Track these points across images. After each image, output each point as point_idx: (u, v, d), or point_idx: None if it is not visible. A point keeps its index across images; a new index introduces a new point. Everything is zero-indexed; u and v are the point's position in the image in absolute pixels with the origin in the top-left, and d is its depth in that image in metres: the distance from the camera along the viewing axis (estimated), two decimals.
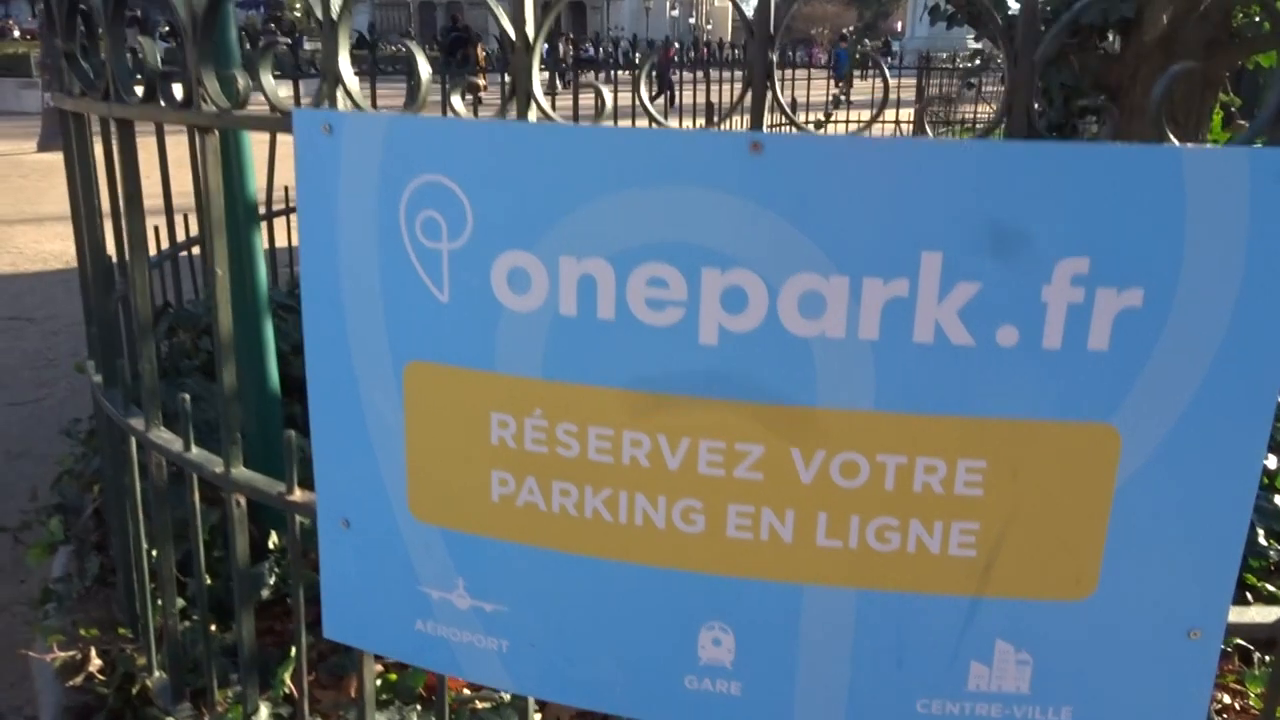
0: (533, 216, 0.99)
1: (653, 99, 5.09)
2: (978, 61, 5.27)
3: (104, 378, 1.62)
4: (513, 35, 0.95)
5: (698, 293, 0.95)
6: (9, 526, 2.13)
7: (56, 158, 11.30)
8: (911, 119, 11.25)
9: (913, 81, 11.74)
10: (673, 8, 63.96)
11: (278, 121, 1.10)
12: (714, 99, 7.06)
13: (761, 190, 0.92)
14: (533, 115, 0.98)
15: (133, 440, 1.50)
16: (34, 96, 17.04)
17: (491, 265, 1.01)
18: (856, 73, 27.22)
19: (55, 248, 6.25)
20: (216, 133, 1.19)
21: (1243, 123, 4.57)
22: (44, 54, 12.03)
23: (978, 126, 11.71)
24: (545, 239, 0.99)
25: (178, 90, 1.23)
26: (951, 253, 0.90)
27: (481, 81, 21.95)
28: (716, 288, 0.95)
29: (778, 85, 0.96)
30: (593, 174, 0.96)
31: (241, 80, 1.14)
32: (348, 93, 1.03)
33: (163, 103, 1.23)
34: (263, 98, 1.16)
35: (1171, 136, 0.96)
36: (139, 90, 1.27)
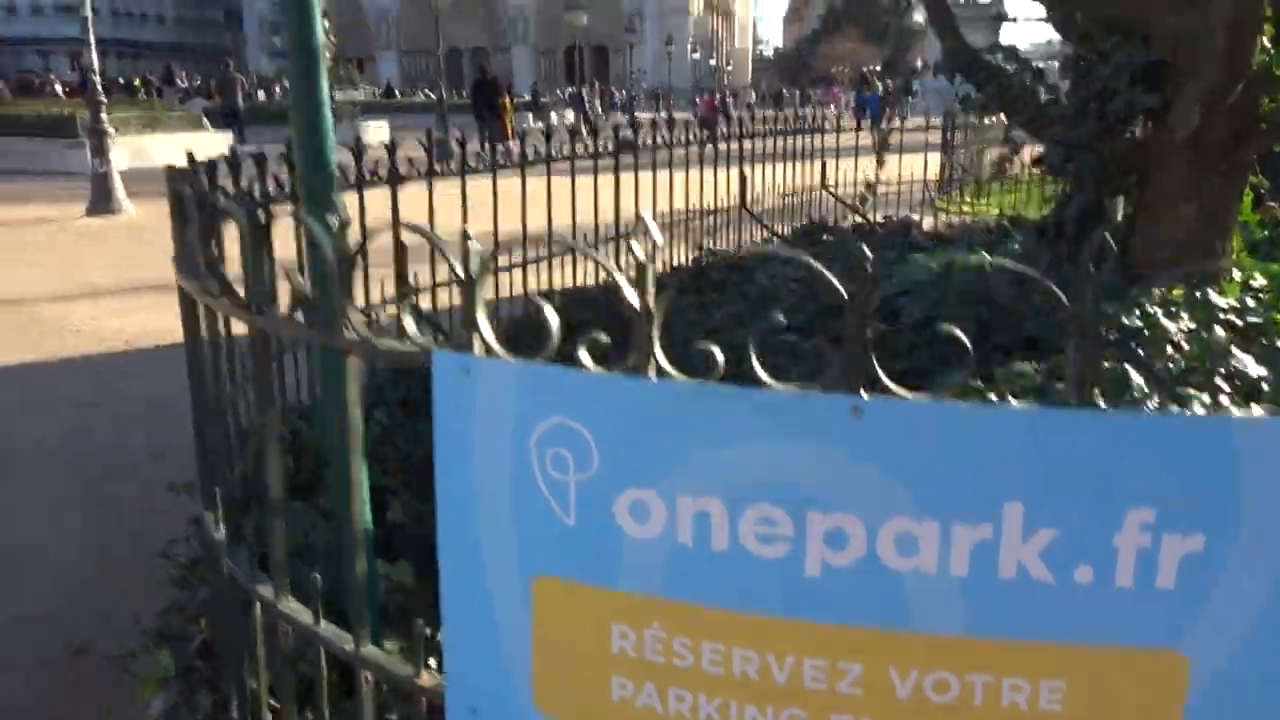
0: (653, 459, 1.12)
1: (700, 144, 5.18)
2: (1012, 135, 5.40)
3: (228, 536, 1.77)
4: (636, 305, 1.09)
5: (803, 532, 1.08)
6: (114, 653, 2.27)
7: (104, 222, 11.66)
8: (937, 176, 11.35)
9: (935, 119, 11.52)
10: (694, 51, 64.96)
11: (415, 356, 1.24)
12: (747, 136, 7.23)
13: (861, 447, 1.05)
14: (651, 371, 1.11)
15: (258, 603, 1.63)
16: (79, 157, 17.51)
17: (615, 499, 1.14)
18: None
19: (114, 325, 6.46)
20: (357, 356, 1.33)
21: (1272, 205, 4.67)
22: (93, 119, 12.43)
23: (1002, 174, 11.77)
24: (664, 479, 1.11)
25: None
26: (1032, 504, 1.02)
27: (508, 125, 22.02)
28: (820, 528, 1.07)
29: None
30: (707, 427, 1.09)
31: (381, 316, 1.28)
32: (484, 341, 1.17)
33: (304, 321, 1.38)
34: None
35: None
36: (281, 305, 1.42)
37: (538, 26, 71.36)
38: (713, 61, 70.97)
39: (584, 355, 1.14)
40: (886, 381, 1.06)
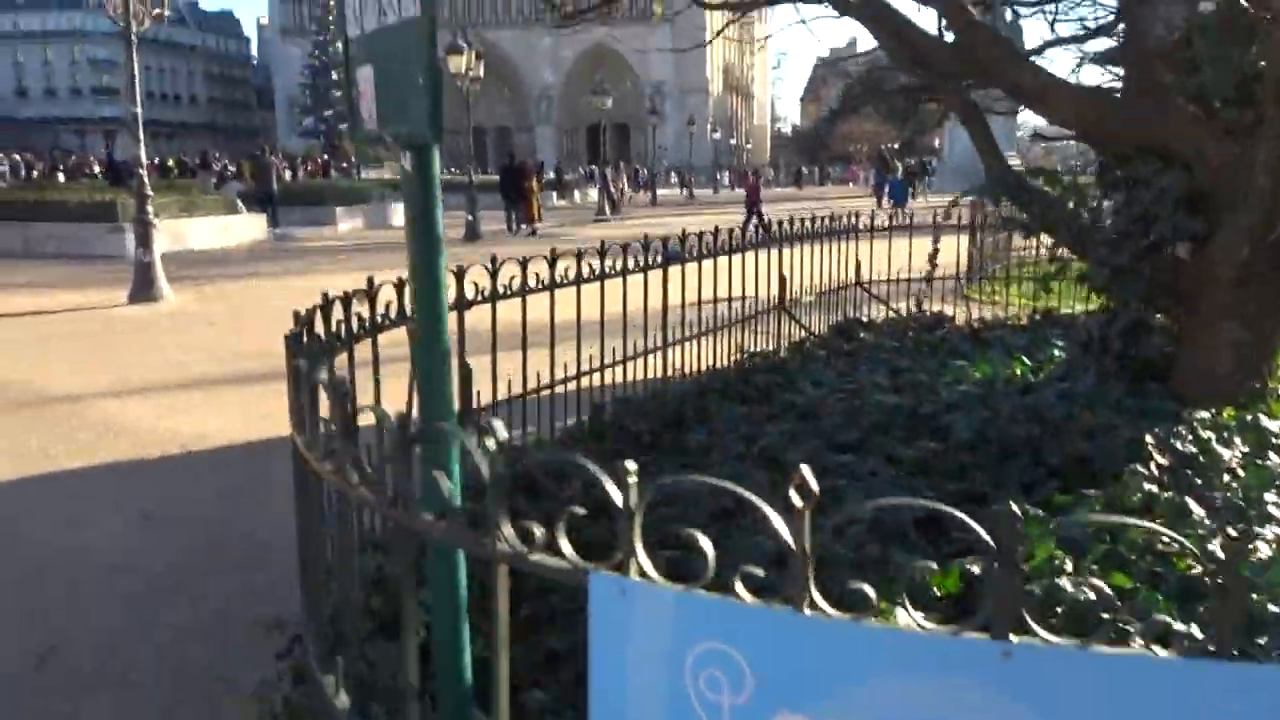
0: (807, 687, 1.20)
1: (743, 229, 5.41)
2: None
3: (353, 708, 1.85)
4: (793, 546, 1.18)
5: None
6: None
7: (147, 311, 11.92)
8: (965, 262, 11.47)
9: (949, 198, 11.58)
10: (714, 131, 66.31)
11: (572, 575, 1.33)
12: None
13: (1010, 685, 1.12)
14: (806, 606, 1.20)
15: None
16: (118, 241, 17.98)
17: None
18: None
19: (166, 425, 6.57)
20: (507, 566, 1.43)
21: None
22: (139, 209, 12.79)
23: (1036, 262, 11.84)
24: (818, 706, 1.19)
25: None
26: None
27: (535, 207, 22.54)
28: None
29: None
30: (860, 660, 1.17)
31: (539, 531, 1.38)
32: (640, 567, 1.26)
33: (455, 526, 1.48)
34: None
35: None
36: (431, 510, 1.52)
37: (561, 107, 73.14)
38: (733, 140, 72.30)
39: (740, 589, 1.22)
40: (1035, 628, 1.14)
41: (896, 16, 4.63)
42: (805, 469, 1.17)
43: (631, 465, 1.29)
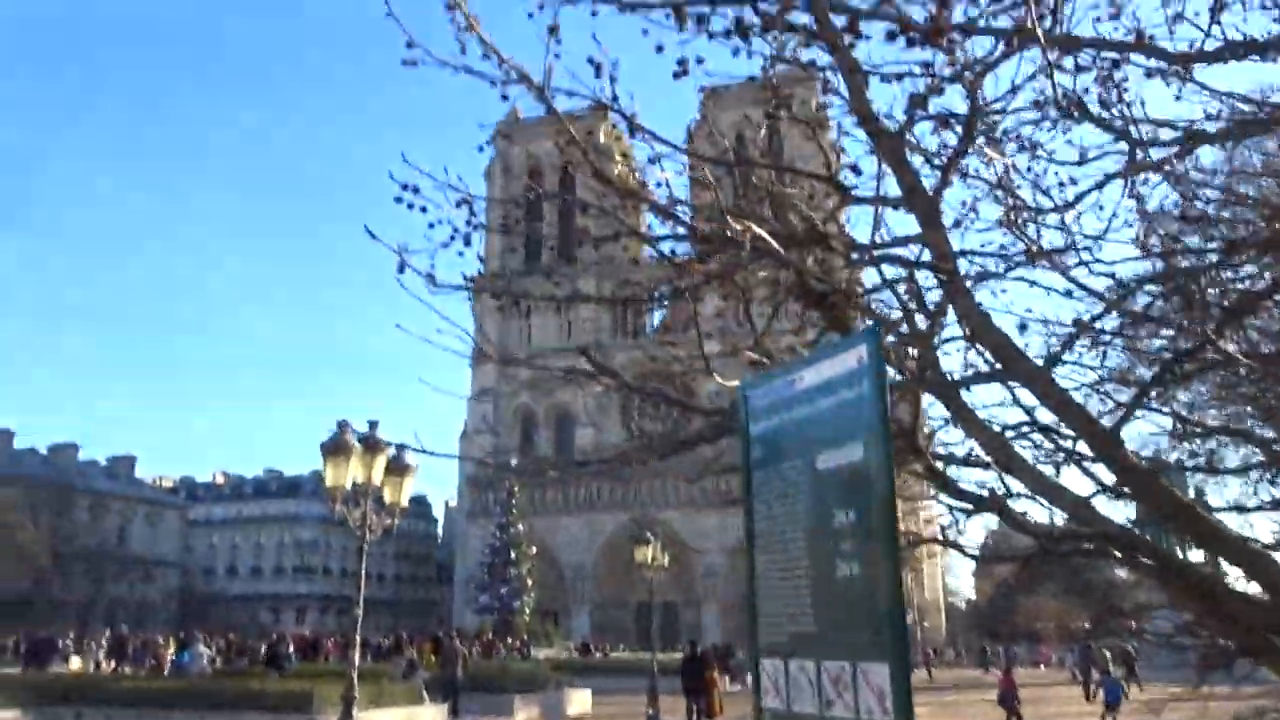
0: None
1: None
2: None
3: None
4: None
5: None
6: None
7: None
8: None
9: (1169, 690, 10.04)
10: None
11: None
12: None
13: None
14: None
15: None
16: None
17: None
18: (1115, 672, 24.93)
19: None
20: None
21: None
22: (345, 715, 12.87)
23: None
24: None
25: None
26: None
27: (717, 701, 21.40)
28: None
29: None
30: None
31: None
32: None
33: None
34: None
35: None
36: None
37: (726, 583, 73.48)
38: (908, 616, 69.22)
39: None
40: None
41: (1211, 580, 4.39)
42: None
43: None
